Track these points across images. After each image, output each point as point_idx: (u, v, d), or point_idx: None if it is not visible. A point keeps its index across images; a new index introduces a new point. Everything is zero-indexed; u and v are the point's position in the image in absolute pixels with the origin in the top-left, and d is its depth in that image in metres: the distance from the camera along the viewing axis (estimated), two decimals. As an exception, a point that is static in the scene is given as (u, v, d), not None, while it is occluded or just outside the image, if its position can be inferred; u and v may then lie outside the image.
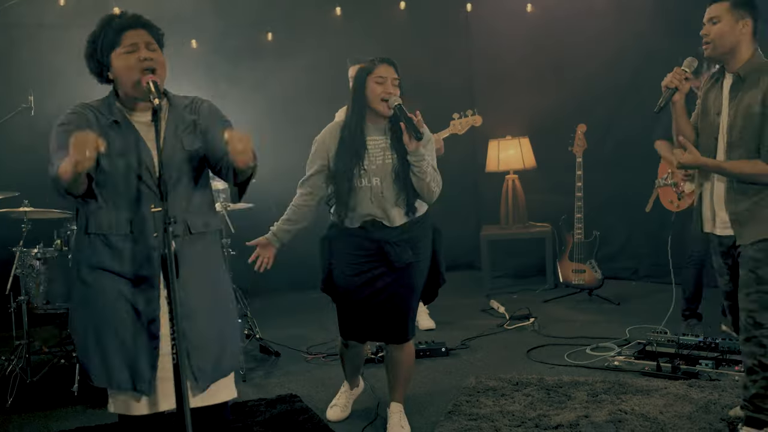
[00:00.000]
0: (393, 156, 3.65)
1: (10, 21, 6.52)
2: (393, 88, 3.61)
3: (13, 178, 5.68)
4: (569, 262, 6.65)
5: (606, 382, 4.46)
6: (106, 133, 2.72)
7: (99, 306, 2.76)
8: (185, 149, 2.78)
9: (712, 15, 3.43)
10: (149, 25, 2.77)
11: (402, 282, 3.74)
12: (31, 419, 4.43)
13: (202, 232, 2.83)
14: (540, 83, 7.67)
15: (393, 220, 3.69)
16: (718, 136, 3.48)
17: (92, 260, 2.76)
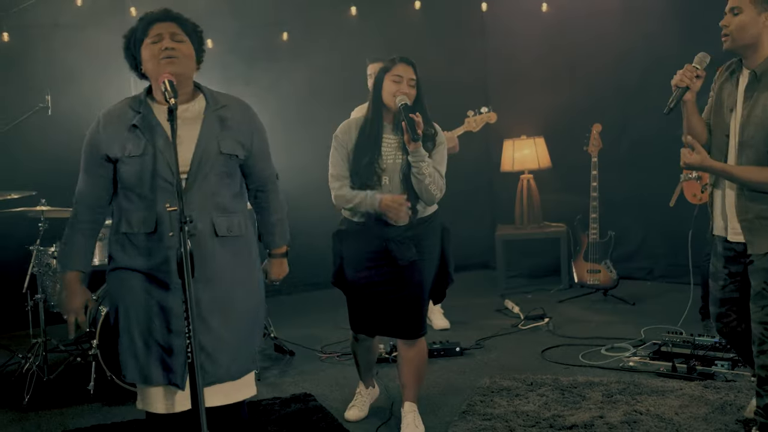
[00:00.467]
0: (403, 156, 3.70)
1: (27, 21, 6.56)
2: (408, 88, 3.65)
3: (30, 177, 5.72)
4: (584, 262, 6.63)
5: (621, 383, 4.44)
6: (121, 135, 2.78)
7: (130, 303, 2.84)
8: (222, 152, 2.80)
9: (733, 5, 3.26)
10: (179, 18, 2.82)
11: (407, 279, 3.76)
12: (47, 417, 4.46)
13: (231, 235, 2.83)
14: (555, 83, 7.65)
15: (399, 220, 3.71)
16: (730, 134, 3.39)
17: (123, 259, 2.84)
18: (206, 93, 2.89)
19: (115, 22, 6.86)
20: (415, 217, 3.74)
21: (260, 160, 2.99)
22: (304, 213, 4.59)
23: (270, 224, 3.13)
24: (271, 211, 3.11)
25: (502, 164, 7.49)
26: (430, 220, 3.84)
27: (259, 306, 3.00)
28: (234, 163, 2.86)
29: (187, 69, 2.79)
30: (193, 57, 2.81)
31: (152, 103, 2.83)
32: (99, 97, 5.53)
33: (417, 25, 7.92)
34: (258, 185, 3.05)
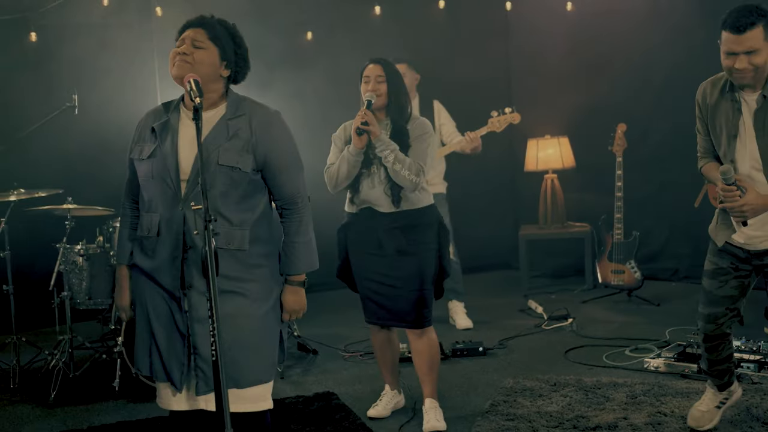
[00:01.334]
0: None
1: (54, 22, 6.62)
2: (376, 85, 3.90)
3: (57, 175, 5.78)
4: (608, 262, 6.60)
5: (645, 384, 4.42)
6: (145, 138, 2.85)
7: (142, 301, 2.88)
8: (219, 163, 2.74)
9: (749, 48, 3.12)
10: (208, 24, 2.82)
11: (401, 268, 3.92)
12: (73, 413, 4.50)
13: (230, 248, 2.75)
14: (579, 82, 7.61)
15: (383, 206, 3.91)
16: (737, 159, 3.33)
17: (137, 256, 2.89)
18: (230, 101, 2.85)
19: (141, 22, 6.94)
20: (401, 207, 3.89)
21: (279, 175, 2.86)
22: (328, 213, 4.60)
23: (288, 245, 2.92)
24: (291, 233, 2.92)
25: (526, 164, 7.46)
26: (423, 213, 3.97)
27: (270, 320, 2.89)
28: (240, 176, 2.77)
29: (204, 75, 2.75)
30: (210, 64, 2.77)
31: (183, 108, 2.86)
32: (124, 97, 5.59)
33: (441, 25, 7.91)
34: (282, 203, 2.92)
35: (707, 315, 3.62)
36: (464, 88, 7.40)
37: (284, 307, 2.95)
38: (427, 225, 3.97)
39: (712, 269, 3.59)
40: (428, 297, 3.98)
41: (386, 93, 3.89)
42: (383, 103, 3.90)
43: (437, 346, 4.11)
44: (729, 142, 3.35)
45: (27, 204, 5.30)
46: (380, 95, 3.88)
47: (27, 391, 4.86)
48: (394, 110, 3.92)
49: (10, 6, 6.44)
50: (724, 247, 3.53)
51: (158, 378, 2.88)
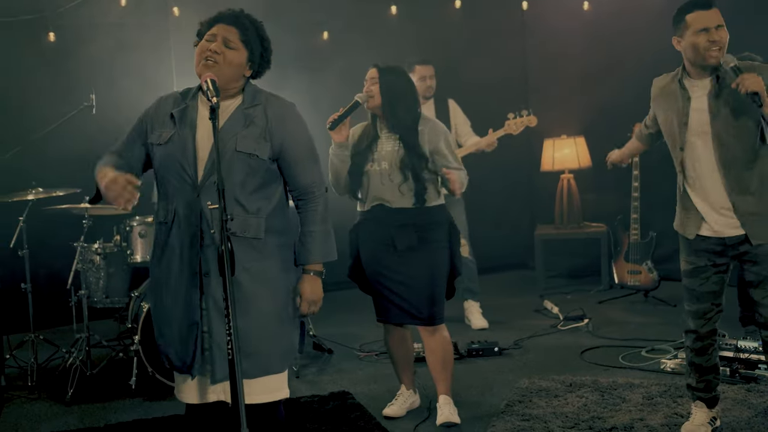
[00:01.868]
0: (400, 145, 3.96)
1: (72, 22, 6.66)
2: (370, 87, 4.01)
3: (74, 174, 5.80)
4: (625, 262, 6.57)
5: (661, 385, 4.40)
6: (163, 122, 2.85)
7: (159, 289, 2.89)
8: (237, 149, 2.75)
9: (719, 22, 3.38)
10: (242, 24, 2.81)
11: (413, 266, 3.96)
12: (90, 411, 4.53)
13: (246, 236, 2.77)
14: (596, 82, 7.58)
15: (398, 203, 3.96)
16: (687, 147, 3.50)
17: (154, 246, 2.91)
18: (247, 91, 2.87)
19: (158, 22, 6.97)
20: (420, 204, 3.95)
21: (295, 165, 2.88)
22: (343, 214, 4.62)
23: (305, 234, 2.94)
24: (308, 221, 2.94)
25: (542, 164, 7.45)
26: (434, 211, 4.03)
27: (285, 309, 2.89)
28: (257, 164, 2.78)
29: (225, 76, 2.76)
30: (238, 65, 2.79)
31: (201, 98, 2.87)
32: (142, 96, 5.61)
33: (457, 25, 7.91)
34: (297, 193, 2.95)
35: (695, 311, 3.64)
36: (480, 88, 7.39)
37: (302, 297, 2.97)
38: (439, 223, 4.02)
39: (691, 269, 3.63)
40: (440, 294, 4.02)
41: (378, 93, 3.96)
42: (376, 103, 3.98)
43: (450, 344, 4.13)
44: (680, 129, 3.51)
45: (45, 203, 5.34)
46: (372, 96, 3.98)
47: (45, 389, 4.90)
48: (388, 110, 3.97)
49: (28, 6, 6.49)
50: (699, 245, 3.57)
51: (176, 368, 2.89)
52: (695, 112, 3.48)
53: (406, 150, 3.93)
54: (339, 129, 3.93)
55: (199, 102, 2.86)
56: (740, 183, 3.42)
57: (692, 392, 3.74)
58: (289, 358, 2.95)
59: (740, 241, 3.46)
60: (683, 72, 3.55)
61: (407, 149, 3.93)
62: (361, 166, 4.01)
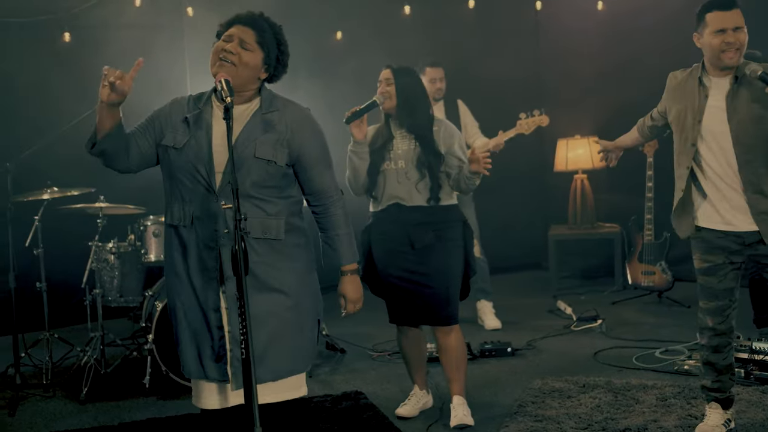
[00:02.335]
0: (416, 144, 3.99)
1: (87, 22, 6.70)
2: (385, 87, 4.02)
3: (89, 174, 5.83)
4: (638, 263, 6.55)
5: (675, 387, 4.38)
6: (176, 125, 2.83)
7: (174, 296, 2.88)
8: (255, 156, 2.75)
9: (738, 24, 3.39)
10: (260, 26, 2.81)
11: (429, 265, 3.97)
12: (104, 409, 4.55)
13: (266, 238, 2.77)
14: (610, 82, 7.56)
15: (414, 200, 3.98)
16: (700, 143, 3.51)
17: (169, 250, 2.89)
18: (264, 96, 2.87)
19: (173, 22, 6.99)
20: (437, 203, 3.98)
21: (311, 170, 2.89)
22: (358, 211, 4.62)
23: (332, 239, 2.98)
24: (332, 225, 2.96)
25: (556, 164, 7.43)
26: (449, 210, 4.05)
27: (306, 309, 2.89)
28: (275, 170, 2.78)
29: (239, 77, 2.76)
30: (253, 67, 2.79)
31: (214, 101, 2.87)
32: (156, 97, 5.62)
33: (471, 25, 7.90)
34: (314, 198, 2.95)
35: (714, 309, 3.62)
36: (494, 88, 7.39)
37: (346, 299, 3.06)
38: (453, 222, 4.04)
39: (707, 267, 3.62)
40: (455, 294, 4.02)
41: (394, 94, 3.98)
42: (392, 105, 4.00)
43: (464, 344, 4.14)
44: (694, 125, 3.51)
45: (60, 202, 5.36)
46: (389, 97, 3.99)
47: (60, 387, 4.92)
48: (404, 111, 3.99)
49: (44, 7, 6.53)
50: (715, 243, 3.56)
51: (193, 375, 2.87)
52: (711, 110, 3.47)
53: (422, 148, 3.96)
54: (358, 125, 3.95)
55: (213, 105, 2.86)
56: (755, 182, 3.42)
57: (707, 393, 3.72)
58: (311, 358, 2.95)
59: (758, 239, 3.45)
60: (702, 69, 3.55)
61: (424, 148, 3.96)
62: (377, 165, 4.02)
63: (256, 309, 2.70)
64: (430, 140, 3.98)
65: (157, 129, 2.87)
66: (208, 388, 2.86)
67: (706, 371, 3.71)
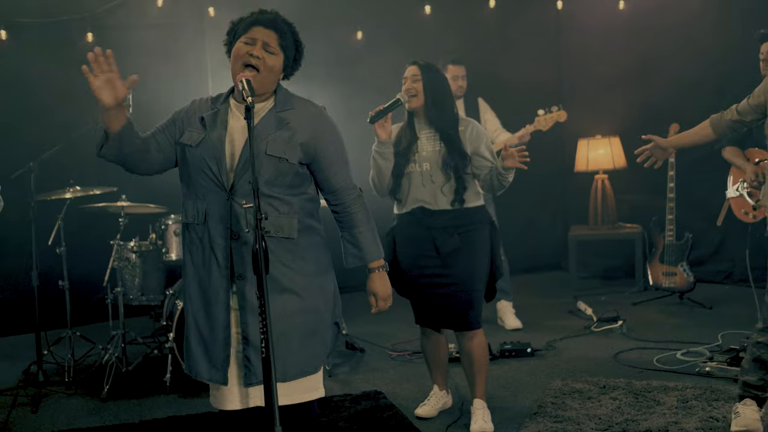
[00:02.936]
0: (441, 145, 3.90)
1: (109, 23, 6.76)
2: (411, 84, 3.93)
3: (111, 173, 5.86)
4: (660, 264, 6.51)
5: (697, 388, 4.35)
6: (194, 124, 2.84)
7: (187, 294, 2.88)
8: (267, 153, 2.74)
9: None
10: (281, 29, 2.80)
11: (454, 269, 3.89)
12: (125, 407, 4.58)
13: (279, 236, 2.76)
14: (631, 81, 7.53)
15: (439, 204, 3.90)
16: None
17: (184, 248, 2.89)
18: (279, 95, 2.86)
19: (194, 22, 7.03)
20: (461, 206, 3.90)
21: (327, 169, 2.87)
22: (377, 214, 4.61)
23: (355, 236, 2.94)
24: (353, 223, 2.93)
25: (576, 164, 7.40)
26: (475, 212, 3.97)
27: (319, 309, 2.88)
28: (286, 168, 2.77)
29: (265, 82, 2.77)
30: (276, 70, 2.79)
31: (232, 101, 2.88)
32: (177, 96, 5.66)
33: (491, 24, 7.89)
34: (332, 197, 2.93)
35: None
36: (515, 87, 7.37)
37: (376, 296, 3.02)
38: (480, 224, 3.96)
39: None
40: (479, 298, 3.95)
41: (422, 92, 3.89)
42: (420, 103, 3.91)
43: (486, 348, 4.08)
44: None
45: (82, 201, 5.41)
46: (415, 95, 3.90)
47: (81, 385, 4.97)
48: (431, 109, 3.90)
49: (68, 8, 6.59)
50: None
51: (202, 377, 2.85)
52: None
53: (448, 149, 3.87)
54: (382, 124, 3.83)
55: (230, 105, 2.87)
56: None
57: (747, 390, 3.69)
58: (323, 358, 2.93)
59: None
60: None
61: (449, 148, 3.87)
62: (401, 167, 3.94)
63: (276, 306, 2.70)
64: (456, 140, 3.88)
65: (178, 128, 2.87)
66: (224, 389, 2.85)
67: (754, 368, 3.68)
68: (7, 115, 6.41)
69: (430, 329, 4.13)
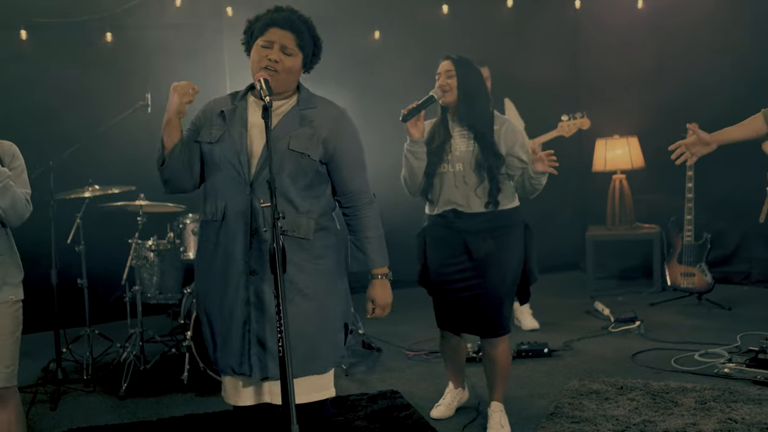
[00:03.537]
0: (475, 144, 3.76)
1: (128, 22, 6.79)
2: (445, 80, 3.79)
3: (130, 172, 5.91)
4: (678, 264, 6.48)
5: (715, 390, 4.33)
6: (212, 121, 2.85)
7: (206, 290, 2.89)
8: (289, 148, 2.75)
9: None
10: (298, 29, 2.79)
11: (485, 274, 3.77)
12: (143, 405, 4.61)
13: (295, 236, 2.76)
14: (649, 81, 7.49)
15: (473, 207, 3.77)
16: None
17: (201, 246, 2.90)
18: (302, 93, 2.88)
19: (212, 22, 7.06)
20: (496, 208, 3.77)
21: (345, 170, 2.87)
22: (392, 211, 4.61)
23: (362, 241, 2.94)
24: (362, 228, 2.93)
25: (594, 164, 7.37)
26: (510, 214, 3.84)
27: (332, 310, 2.88)
28: (308, 164, 2.78)
29: (284, 83, 2.78)
30: (295, 71, 2.80)
31: (250, 98, 2.89)
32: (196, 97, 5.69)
33: (509, 23, 7.87)
34: (345, 199, 2.92)
35: None
36: (532, 86, 7.35)
37: (374, 303, 3.00)
38: (514, 226, 3.83)
39: None
40: (508, 306, 3.86)
41: (455, 87, 3.75)
42: (453, 98, 3.77)
43: (509, 355, 3.99)
44: None
45: (101, 200, 5.44)
46: (449, 91, 3.76)
47: (99, 383, 5.00)
48: (465, 106, 3.76)
49: (87, 8, 6.62)
50: None
51: (223, 370, 2.88)
52: None
53: (481, 149, 3.72)
54: (415, 123, 3.69)
55: (249, 101, 2.87)
56: None
57: None
58: (334, 359, 2.93)
59: None
60: None
61: (483, 148, 3.72)
62: (434, 166, 3.80)
63: (291, 304, 2.72)
64: (490, 139, 3.72)
65: (198, 131, 2.89)
66: (236, 384, 2.87)
67: None
68: (26, 114, 6.45)
69: (451, 332, 4.06)
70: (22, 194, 3.07)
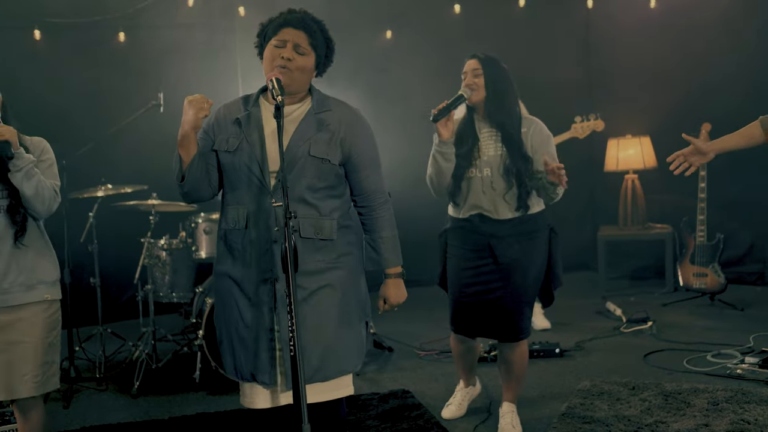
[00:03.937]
0: (503, 148, 3.68)
1: (141, 22, 6.82)
2: (472, 79, 3.71)
3: (142, 171, 5.94)
4: (690, 265, 6.45)
5: (728, 391, 4.31)
6: (227, 128, 2.85)
7: (225, 298, 2.88)
8: (310, 154, 2.76)
9: None
10: (311, 29, 2.80)
11: (509, 279, 3.72)
12: (155, 403, 4.62)
13: (318, 238, 2.78)
14: (662, 80, 7.46)
15: (501, 213, 3.70)
16: None
17: (221, 255, 2.90)
18: (315, 96, 2.88)
19: (225, 23, 7.08)
20: (525, 213, 3.71)
21: (361, 170, 2.89)
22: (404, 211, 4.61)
23: (376, 241, 2.95)
24: (378, 227, 2.94)
25: (606, 164, 7.35)
26: (536, 218, 3.77)
27: (356, 309, 2.90)
28: (328, 168, 2.79)
29: (297, 82, 2.79)
30: (308, 70, 2.81)
31: (263, 102, 2.89)
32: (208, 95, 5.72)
33: (521, 23, 7.86)
34: (362, 199, 2.94)
35: None
36: (544, 86, 7.33)
37: (387, 301, 3.03)
38: (540, 231, 3.76)
39: None
40: (529, 309, 3.82)
41: (483, 86, 3.68)
42: (480, 97, 3.69)
43: (527, 358, 3.95)
44: None
45: (113, 199, 5.47)
46: (476, 89, 3.67)
47: (112, 381, 5.02)
48: (493, 105, 3.69)
49: (100, 8, 6.66)
50: None
51: (245, 378, 2.86)
52: None
53: (509, 151, 3.65)
54: (445, 123, 3.56)
55: (262, 105, 2.88)
56: None
57: None
58: (360, 357, 2.94)
59: None
60: None
61: (511, 150, 3.64)
62: (462, 169, 3.71)
63: (304, 309, 2.73)
64: (518, 141, 3.65)
65: (211, 138, 2.89)
66: (256, 388, 2.86)
67: None
68: (39, 113, 6.48)
69: (467, 337, 3.98)
70: (50, 184, 3.07)
